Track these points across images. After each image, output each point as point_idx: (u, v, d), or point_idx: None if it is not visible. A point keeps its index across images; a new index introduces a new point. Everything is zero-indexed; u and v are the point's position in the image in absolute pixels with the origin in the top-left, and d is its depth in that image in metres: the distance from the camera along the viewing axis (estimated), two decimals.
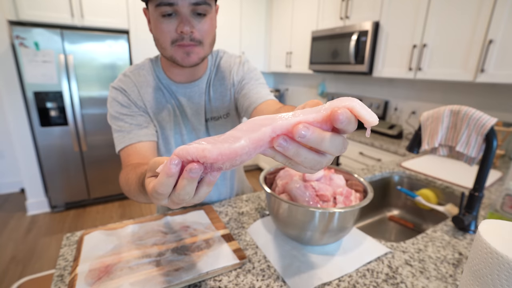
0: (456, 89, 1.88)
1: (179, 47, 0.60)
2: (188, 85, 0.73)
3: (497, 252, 0.40)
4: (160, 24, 0.58)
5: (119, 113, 0.68)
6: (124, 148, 0.65)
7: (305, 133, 0.23)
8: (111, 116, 0.69)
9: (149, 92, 0.71)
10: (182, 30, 0.57)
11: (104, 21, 2.41)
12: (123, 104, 0.68)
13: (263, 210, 0.85)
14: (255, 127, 0.26)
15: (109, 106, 0.70)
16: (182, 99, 0.74)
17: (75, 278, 0.53)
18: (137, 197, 0.49)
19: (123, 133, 0.66)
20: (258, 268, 0.60)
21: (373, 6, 2.02)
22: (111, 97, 0.69)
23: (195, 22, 0.59)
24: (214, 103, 0.77)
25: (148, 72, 0.72)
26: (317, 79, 3.15)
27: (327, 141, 0.24)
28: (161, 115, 0.73)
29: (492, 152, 0.71)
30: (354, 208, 0.60)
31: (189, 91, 0.74)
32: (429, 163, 1.32)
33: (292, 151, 0.24)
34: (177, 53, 0.61)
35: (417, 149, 0.86)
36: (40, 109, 2.23)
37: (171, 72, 0.71)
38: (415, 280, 0.58)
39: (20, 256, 1.95)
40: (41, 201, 2.50)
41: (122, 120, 0.67)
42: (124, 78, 0.71)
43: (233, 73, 0.76)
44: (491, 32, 1.41)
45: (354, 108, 0.24)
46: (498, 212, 0.79)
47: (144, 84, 0.71)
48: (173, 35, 0.59)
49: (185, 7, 0.56)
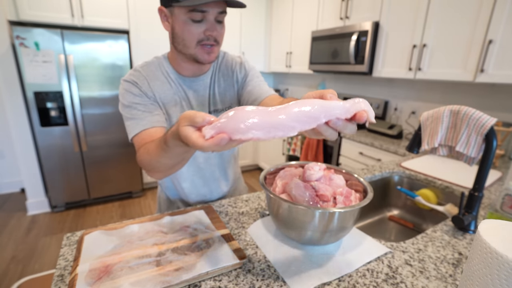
0: (456, 89, 1.88)
1: (203, 46, 0.70)
2: (194, 79, 0.81)
3: (497, 252, 0.40)
4: (190, 27, 0.67)
5: (132, 102, 0.73)
6: (139, 133, 0.71)
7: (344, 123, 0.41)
8: (123, 105, 0.74)
9: (158, 85, 0.77)
10: (211, 33, 0.68)
11: (104, 21, 2.41)
12: (135, 94, 0.74)
13: (263, 210, 0.85)
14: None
15: (121, 97, 0.75)
16: (189, 91, 0.81)
17: (75, 278, 0.53)
18: (158, 160, 0.57)
19: (136, 120, 0.72)
20: (258, 268, 0.60)
21: (373, 6, 2.02)
22: (123, 89, 0.75)
23: (217, 27, 0.70)
24: (217, 97, 0.84)
25: (156, 68, 0.79)
26: (317, 79, 3.15)
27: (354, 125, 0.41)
28: (168, 105, 0.79)
29: (492, 152, 0.71)
30: (354, 208, 0.60)
31: (195, 84, 0.81)
32: (429, 163, 1.32)
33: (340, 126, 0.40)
34: (200, 51, 0.71)
35: (417, 149, 0.86)
36: (40, 109, 2.23)
37: (181, 67, 0.79)
38: (415, 280, 0.58)
39: (21, 256, 1.95)
40: (41, 201, 2.50)
41: (135, 108, 0.73)
42: (134, 72, 0.77)
43: (236, 71, 0.85)
44: (490, 32, 1.41)
45: (368, 112, 0.40)
46: (497, 212, 0.79)
47: (153, 78, 0.77)
48: (200, 36, 0.68)
49: (212, 15, 0.67)
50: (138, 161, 0.67)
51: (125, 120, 0.74)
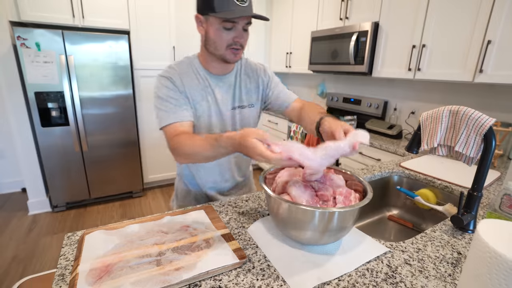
0: (455, 90, 1.88)
1: (231, 49, 0.82)
2: (221, 76, 0.93)
3: (496, 252, 0.41)
4: (221, 33, 0.79)
5: (167, 95, 0.84)
6: (170, 124, 0.82)
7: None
8: (158, 97, 0.85)
9: (188, 81, 0.88)
10: (239, 40, 0.81)
11: (105, 21, 2.41)
12: (170, 88, 0.85)
13: (263, 210, 0.85)
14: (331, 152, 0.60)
15: (157, 90, 0.86)
16: (215, 87, 0.91)
17: (76, 278, 0.53)
18: (201, 151, 0.71)
19: (168, 112, 0.83)
20: (258, 267, 0.60)
21: (372, 6, 2.03)
22: (159, 82, 0.86)
23: (244, 34, 0.83)
24: (243, 95, 0.96)
25: (187, 66, 0.90)
26: (317, 79, 3.15)
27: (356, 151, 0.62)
28: (196, 99, 0.89)
29: (491, 152, 0.71)
30: (353, 208, 0.60)
31: (220, 81, 0.93)
32: (428, 163, 1.33)
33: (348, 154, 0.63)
34: (228, 53, 0.83)
35: (416, 149, 0.86)
36: (41, 110, 2.23)
37: (210, 66, 0.90)
38: (414, 280, 0.58)
39: (22, 256, 1.96)
40: (42, 200, 2.50)
41: (167, 101, 0.83)
42: (169, 69, 0.88)
43: (260, 75, 1.00)
44: (489, 32, 1.41)
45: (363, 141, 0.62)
46: (496, 211, 0.79)
47: (185, 74, 0.88)
48: (229, 42, 0.81)
49: (241, 25, 0.80)
50: (173, 146, 0.78)
51: (158, 111, 0.85)
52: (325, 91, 3.03)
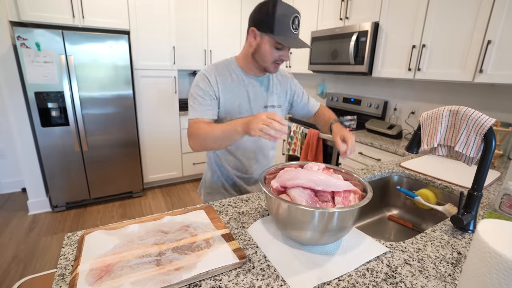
0: (455, 90, 1.88)
1: (274, 64, 0.97)
2: (256, 78, 1.05)
3: (496, 251, 0.41)
4: (272, 51, 0.93)
5: (197, 94, 0.97)
6: (194, 118, 0.96)
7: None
8: (191, 92, 0.99)
9: (223, 79, 1.00)
10: (284, 58, 0.96)
11: (105, 21, 2.41)
12: (201, 87, 0.97)
13: (263, 210, 0.85)
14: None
15: (193, 85, 0.99)
16: (248, 86, 1.03)
17: (76, 277, 0.53)
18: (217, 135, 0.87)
19: (194, 108, 0.96)
20: (258, 267, 0.60)
21: (372, 6, 2.03)
22: (196, 80, 0.99)
23: (288, 54, 0.97)
24: (274, 96, 1.09)
25: (224, 66, 1.03)
26: (317, 79, 3.15)
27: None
28: (230, 98, 1.00)
29: (491, 152, 0.71)
30: (353, 208, 0.60)
31: (254, 82, 1.05)
32: (428, 163, 1.33)
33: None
34: (272, 66, 0.97)
35: (416, 149, 0.86)
36: (41, 110, 2.23)
37: (248, 68, 1.03)
38: (414, 280, 0.58)
39: (22, 256, 1.96)
40: (42, 200, 2.50)
41: (196, 99, 0.97)
42: (208, 68, 1.00)
43: (289, 82, 1.16)
44: (489, 32, 1.41)
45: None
46: (496, 211, 0.79)
47: (221, 73, 1.00)
48: (276, 58, 0.95)
49: (287, 48, 0.94)
50: (190, 130, 0.94)
51: (189, 105, 0.99)
52: (325, 91, 3.03)
